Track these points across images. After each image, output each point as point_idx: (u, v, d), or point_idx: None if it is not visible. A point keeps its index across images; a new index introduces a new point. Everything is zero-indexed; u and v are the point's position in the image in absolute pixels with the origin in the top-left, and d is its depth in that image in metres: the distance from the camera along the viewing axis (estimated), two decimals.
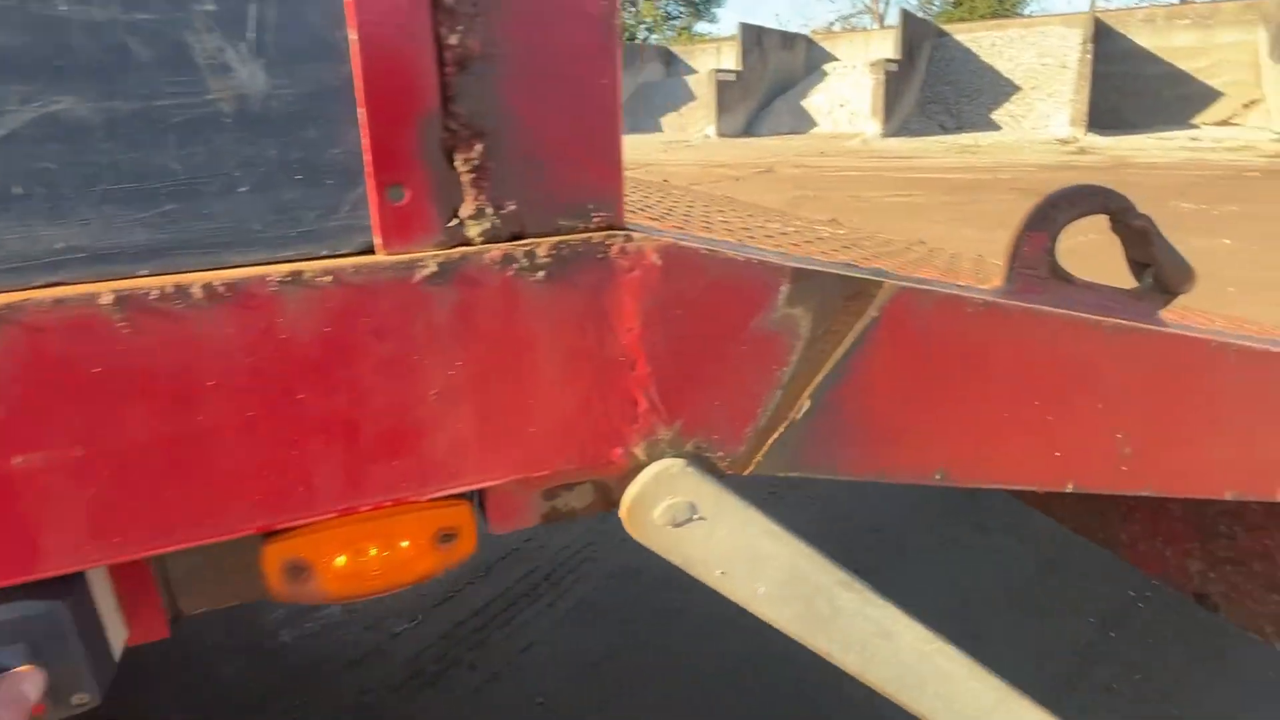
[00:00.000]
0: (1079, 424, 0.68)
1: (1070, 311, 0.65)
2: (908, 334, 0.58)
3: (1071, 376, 0.66)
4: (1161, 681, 2.18)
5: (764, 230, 1.02)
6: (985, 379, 0.63)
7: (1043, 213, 0.69)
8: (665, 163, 17.32)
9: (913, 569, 2.73)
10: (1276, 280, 5.99)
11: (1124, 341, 0.67)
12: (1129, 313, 0.70)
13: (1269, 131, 17.54)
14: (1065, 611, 2.48)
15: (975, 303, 0.60)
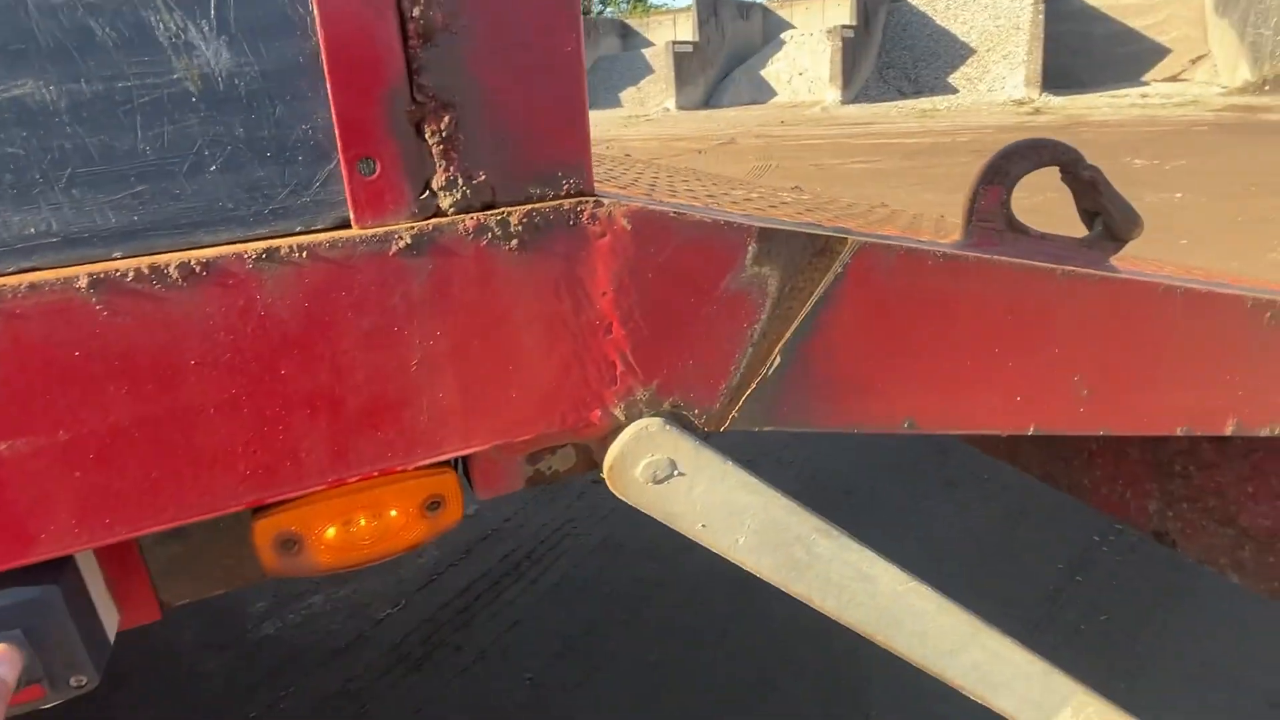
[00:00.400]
0: (1038, 369, 0.71)
1: (1026, 261, 0.67)
2: (873, 288, 0.60)
3: (1029, 323, 0.69)
4: (1127, 621, 2.28)
5: (729, 198, 1.03)
6: (948, 329, 0.66)
7: (997, 167, 0.71)
8: (626, 138, 17.21)
9: (885, 525, 2.79)
10: (1225, 231, 6.16)
11: (1077, 288, 0.70)
12: (1082, 260, 0.73)
13: (1216, 86, 17.88)
14: (1033, 559, 2.57)
15: (936, 255, 0.62)
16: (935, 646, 0.65)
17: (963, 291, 0.65)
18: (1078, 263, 0.72)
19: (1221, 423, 0.86)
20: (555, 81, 0.52)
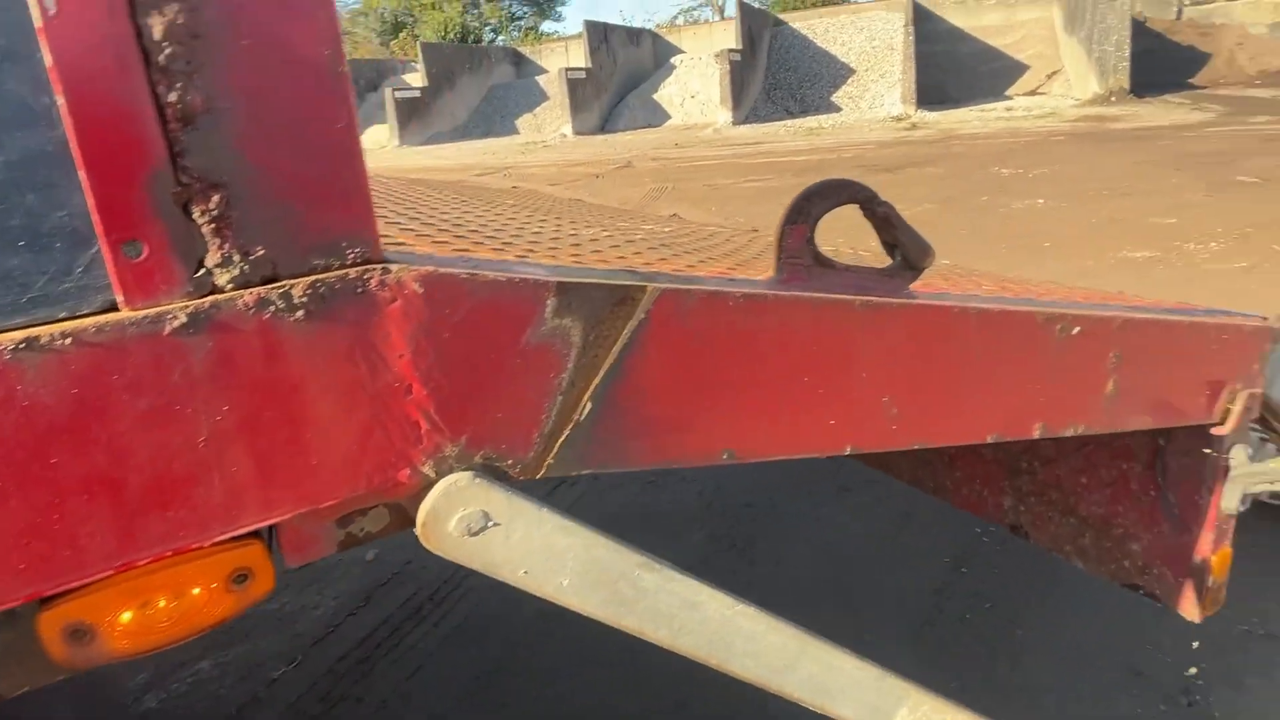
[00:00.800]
0: (848, 393, 0.76)
1: (826, 294, 0.72)
2: (677, 331, 0.63)
3: (835, 352, 0.74)
4: (1007, 608, 2.41)
5: (574, 239, 1.06)
6: (757, 363, 0.70)
7: (799, 207, 0.76)
8: (523, 165, 17.22)
9: (786, 534, 2.87)
10: (1082, 233, 6.67)
11: (877, 316, 0.76)
12: (883, 289, 0.79)
13: (1070, 99, 19.38)
14: (922, 555, 2.69)
15: (737, 296, 0.66)
16: (769, 664, 0.68)
17: (767, 327, 0.69)
18: (879, 292, 0.77)
19: (1029, 428, 0.94)
20: (329, 157, 0.53)
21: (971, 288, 1.12)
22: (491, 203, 1.74)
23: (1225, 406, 1.17)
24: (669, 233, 1.54)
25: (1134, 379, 1.02)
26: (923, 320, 0.79)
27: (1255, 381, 1.20)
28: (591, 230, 1.23)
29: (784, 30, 26.79)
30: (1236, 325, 1.16)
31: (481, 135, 27.50)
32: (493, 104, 30.13)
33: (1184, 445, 1.27)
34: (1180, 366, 1.10)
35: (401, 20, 44.58)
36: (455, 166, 17.83)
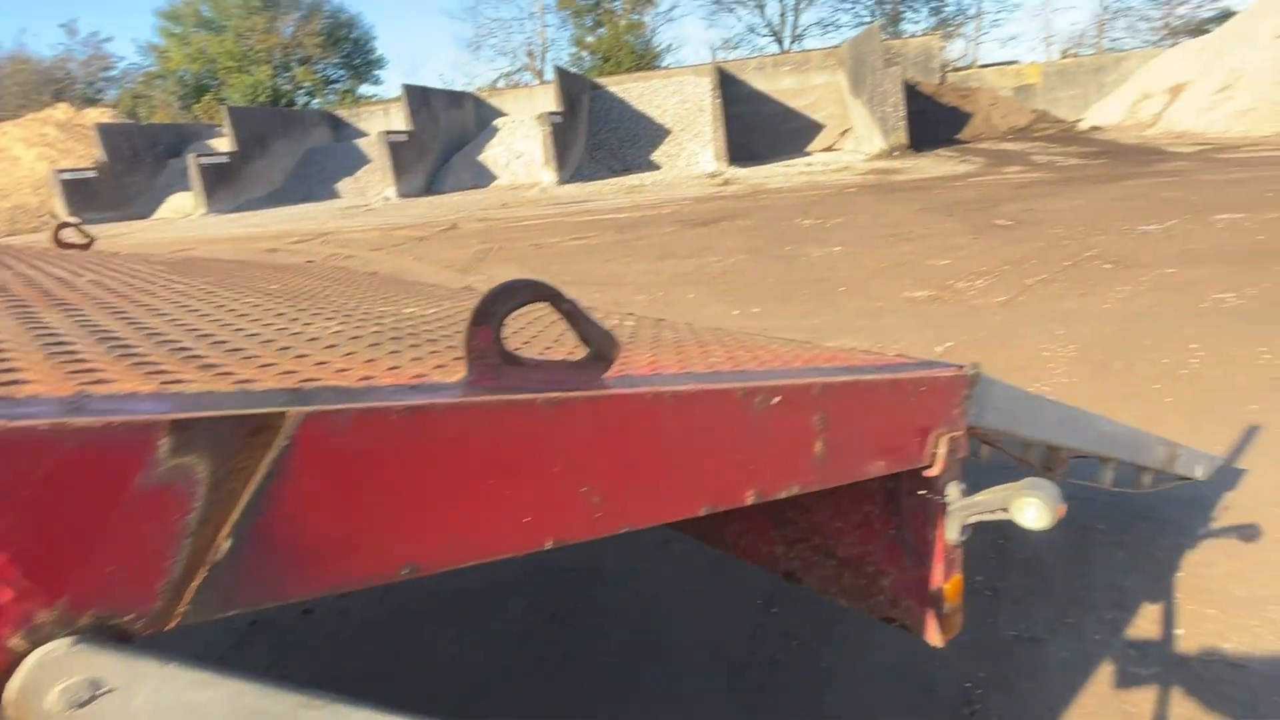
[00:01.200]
0: (542, 489, 0.77)
1: (509, 396, 0.73)
2: (333, 452, 0.62)
3: (522, 451, 0.75)
4: (815, 643, 2.52)
5: (299, 336, 1.02)
6: (436, 471, 0.69)
7: (483, 309, 0.77)
8: (344, 230, 16.62)
9: (608, 593, 2.86)
10: (872, 276, 7.31)
11: (566, 410, 0.78)
12: (574, 382, 0.81)
13: (860, 154, 21.42)
14: (736, 599, 2.77)
15: (399, 410, 0.65)
16: None
17: (442, 435, 0.69)
18: (569, 385, 0.80)
19: (742, 495, 0.99)
20: None
21: (699, 361, 1.18)
22: (244, 290, 1.64)
23: (933, 451, 1.30)
24: (431, 315, 1.52)
25: (841, 437, 1.11)
26: (616, 409, 0.82)
27: (958, 425, 1.34)
28: (335, 322, 1.19)
29: (601, 93, 27.86)
30: (934, 377, 1.29)
31: (299, 200, 26.35)
32: (310, 168, 29.05)
33: (910, 486, 1.39)
34: (885, 420, 1.21)
35: (204, 83, 42.20)
36: (269, 234, 16.90)
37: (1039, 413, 1.72)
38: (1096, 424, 1.97)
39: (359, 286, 2.17)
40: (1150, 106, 21.51)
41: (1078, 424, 1.87)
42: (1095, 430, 1.97)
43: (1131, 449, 2.15)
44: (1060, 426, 1.80)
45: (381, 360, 0.92)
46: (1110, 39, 36.21)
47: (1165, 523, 2.82)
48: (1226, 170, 12.42)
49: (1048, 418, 1.76)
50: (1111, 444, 2.04)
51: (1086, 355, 4.55)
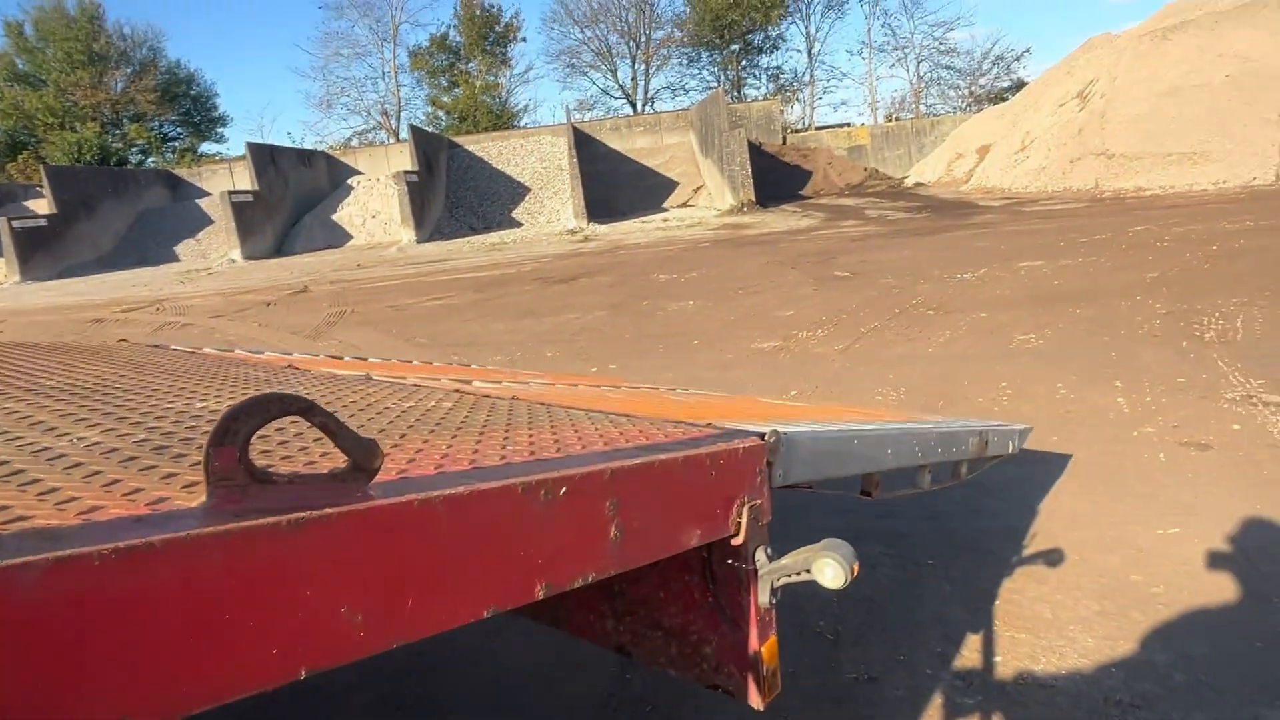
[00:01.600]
0: (292, 617, 0.73)
1: (247, 522, 0.69)
2: (28, 604, 0.56)
3: (268, 577, 0.71)
4: (669, 707, 2.51)
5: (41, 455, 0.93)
6: (159, 613, 0.64)
7: (225, 428, 0.74)
8: (182, 295, 15.53)
9: (459, 675, 2.75)
10: (724, 328, 7.59)
11: (316, 529, 0.74)
12: (332, 497, 0.78)
13: (712, 209, 22.42)
14: (588, 666, 2.73)
15: (107, 553, 0.60)
16: None
17: (163, 575, 0.64)
18: (326, 501, 0.77)
19: (531, 591, 0.98)
20: None
21: (494, 450, 1.18)
22: (7, 389, 1.48)
23: (737, 520, 1.35)
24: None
25: (637, 519, 1.13)
26: (378, 521, 0.80)
27: (759, 493, 1.40)
28: (97, 431, 1.10)
29: (460, 152, 27.82)
30: (733, 449, 1.34)
31: (133, 264, 24.46)
32: (145, 230, 27.10)
33: (721, 554, 1.43)
34: (684, 496, 1.24)
35: (20, 140, 38.67)
36: (95, 303, 15.50)
37: (848, 449, 1.80)
38: (908, 439, 2.07)
39: (161, 373, 2.02)
40: (963, 165, 23.89)
41: (888, 446, 1.96)
42: (907, 445, 2.06)
43: (944, 448, 2.26)
44: (871, 454, 1.88)
45: (127, 480, 0.85)
46: (926, 104, 40.13)
47: (985, 554, 3.04)
48: (1028, 222, 13.93)
49: (858, 450, 1.84)
50: (925, 451, 2.14)
51: (914, 397, 4.90)
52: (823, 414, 2.91)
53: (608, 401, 1.87)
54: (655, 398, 2.09)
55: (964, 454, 2.41)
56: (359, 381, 1.98)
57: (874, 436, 1.90)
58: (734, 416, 2.01)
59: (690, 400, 2.13)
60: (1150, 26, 21.10)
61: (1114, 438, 3.94)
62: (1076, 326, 6.14)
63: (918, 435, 2.09)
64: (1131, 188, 17.33)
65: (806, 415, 2.89)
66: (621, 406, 1.80)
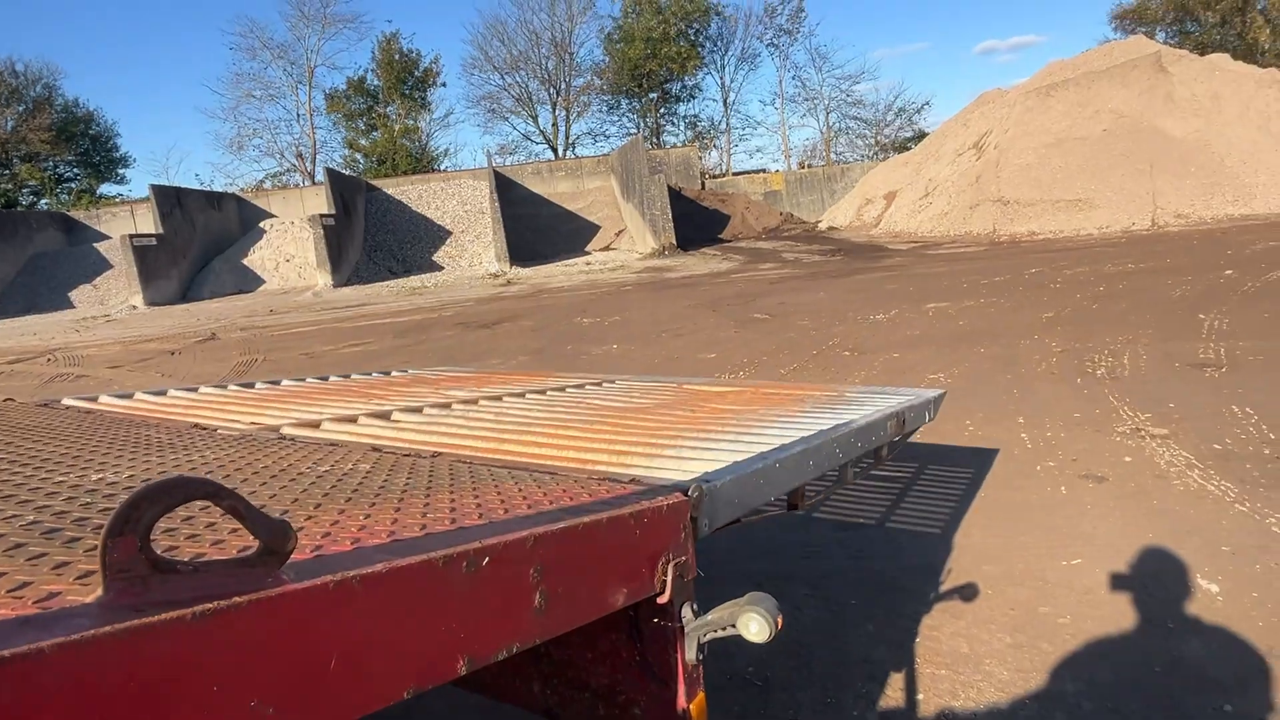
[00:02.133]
0: (196, 714, 0.69)
1: (145, 620, 0.66)
2: None
3: (170, 674, 0.67)
4: None
5: None
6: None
7: (125, 516, 0.70)
8: (77, 345, 14.63)
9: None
10: (648, 371, 7.65)
11: (223, 621, 0.71)
12: (241, 584, 0.75)
13: (635, 253, 22.71)
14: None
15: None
16: None
17: (50, 682, 0.60)
18: (234, 589, 0.74)
19: (453, 668, 0.96)
20: None
21: (414, 518, 1.15)
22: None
23: (662, 578, 1.35)
24: (125, 480, 1.36)
25: (562, 584, 1.12)
26: (290, 607, 0.77)
27: (684, 549, 1.41)
28: None
29: (378, 195, 27.42)
30: (656, 507, 1.35)
31: (22, 311, 22.99)
32: (37, 275, 25.56)
33: (648, 612, 1.42)
34: (609, 557, 1.24)
35: None
36: None
37: (772, 475, 1.76)
38: (829, 446, 2.02)
39: (52, 437, 1.90)
40: (872, 210, 25.01)
41: (810, 458, 1.92)
42: (828, 452, 2.02)
43: (864, 441, 2.22)
44: (795, 470, 1.84)
45: (13, 573, 0.80)
46: (836, 152, 41.96)
47: (905, 591, 3.11)
48: (933, 265, 14.64)
49: (781, 473, 1.79)
50: (846, 450, 2.11)
51: None
52: (747, 398, 2.90)
53: (539, 437, 1.83)
54: (587, 407, 2.04)
55: (884, 439, 2.39)
56: (272, 442, 1.90)
57: (797, 454, 1.87)
58: (661, 429, 1.99)
59: (622, 406, 2.08)
60: (1036, 84, 22.78)
61: (1019, 472, 4.13)
62: (981, 365, 6.45)
63: (838, 439, 2.07)
64: (1026, 232, 18.47)
65: (730, 400, 2.86)
66: (553, 445, 1.76)
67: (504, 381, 3.52)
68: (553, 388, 3.25)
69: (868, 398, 2.84)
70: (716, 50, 40.40)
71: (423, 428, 2.24)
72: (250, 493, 1.29)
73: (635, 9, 37.74)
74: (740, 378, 6.94)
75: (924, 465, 4.39)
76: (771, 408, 2.62)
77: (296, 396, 2.93)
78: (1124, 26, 40.71)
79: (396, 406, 2.54)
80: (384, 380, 3.70)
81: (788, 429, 2.19)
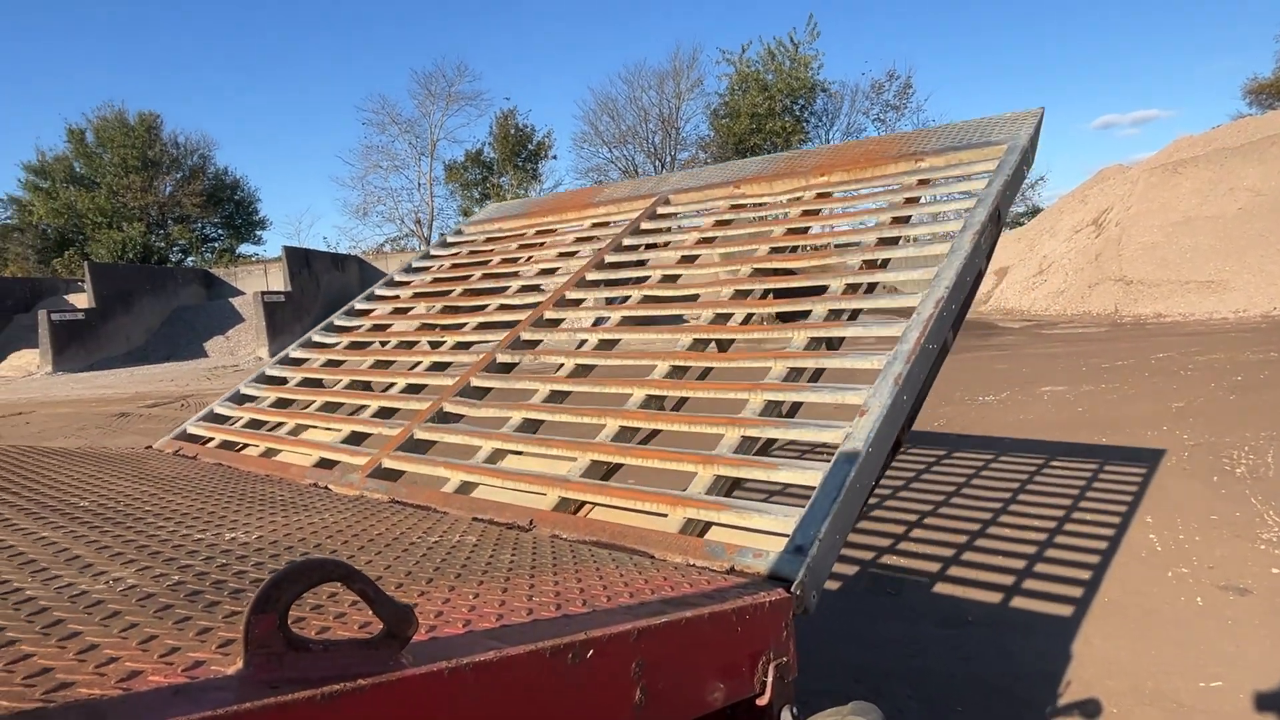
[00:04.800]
0: None
1: (281, 698, 0.70)
2: None
3: None
4: None
5: None
6: None
7: (268, 595, 0.75)
8: (209, 392, 15.78)
9: None
10: None
11: (349, 702, 0.74)
12: (365, 666, 0.79)
13: None
14: None
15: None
16: None
17: None
18: (359, 670, 0.77)
19: None
20: None
21: (520, 601, 1.17)
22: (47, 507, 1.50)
23: (762, 679, 1.31)
24: (255, 543, 1.44)
25: (662, 681, 1.10)
26: (411, 691, 0.80)
27: (786, 648, 1.37)
28: (134, 570, 1.11)
29: None
30: (759, 603, 1.32)
31: (162, 359, 25.06)
32: (178, 326, 27.90)
33: (746, 713, 1.38)
34: (710, 655, 1.22)
35: (68, 237, 40.53)
36: (122, 396, 15.78)
37: (841, 531, 1.61)
38: (871, 462, 1.78)
39: (188, 491, 2.04)
40: (982, 285, 24.24)
41: (859, 483, 1.70)
42: (870, 467, 1.77)
43: (880, 446, 1.87)
44: (849, 511, 1.67)
45: (163, 637, 0.86)
46: None
47: (1019, 701, 2.90)
48: (1048, 345, 13.97)
49: (842, 524, 1.64)
50: (879, 450, 1.82)
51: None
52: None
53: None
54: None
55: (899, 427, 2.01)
56: (383, 508, 1.99)
57: (843, 502, 1.64)
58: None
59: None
60: (1160, 160, 21.81)
61: (1147, 577, 3.81)
62: None
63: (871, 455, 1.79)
64: (1151, 313, 17.44)
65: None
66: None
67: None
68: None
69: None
70: (821, 125, 40.79)
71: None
72: (366, 562, 1.35)
73: (742, 86, 38.70)
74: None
75: (1037, 556, 4.12)
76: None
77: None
78: (1260, 101, 38.66)
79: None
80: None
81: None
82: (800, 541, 1.56)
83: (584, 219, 4.02)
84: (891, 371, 1.94)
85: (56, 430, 11.20)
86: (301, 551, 1.37)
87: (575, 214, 4.11)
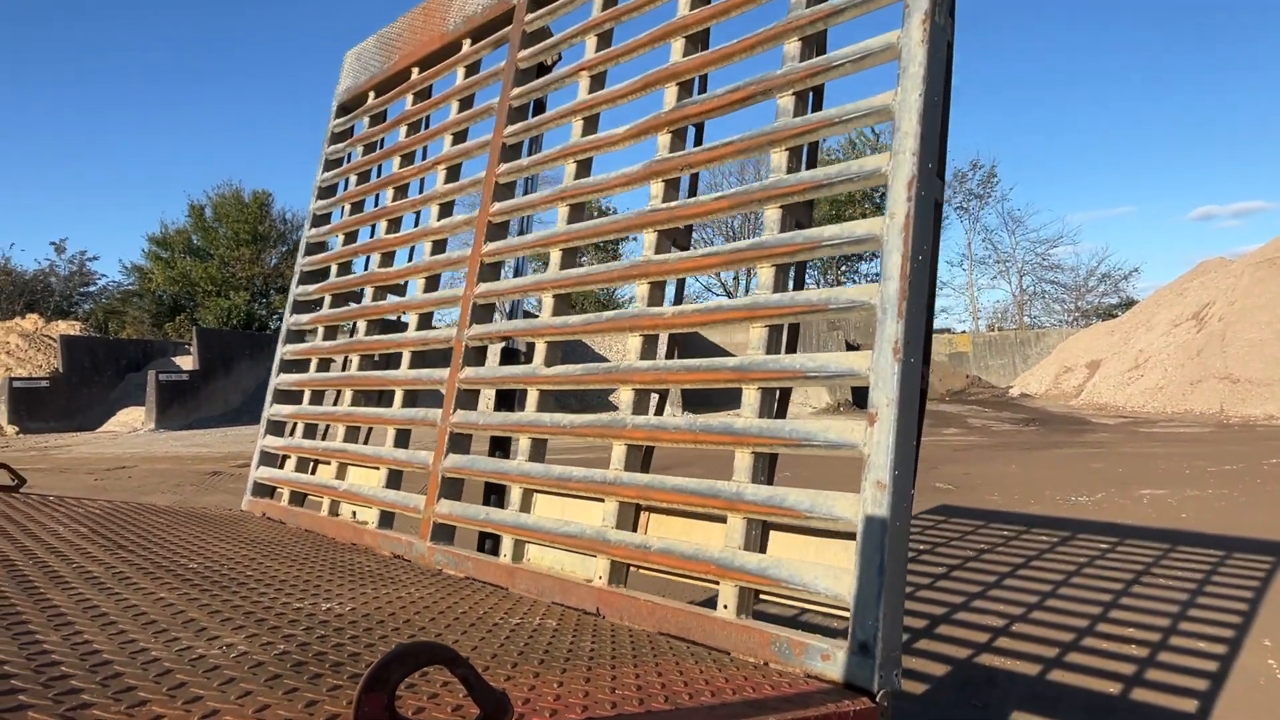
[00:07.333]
0: None
1: None
2: None
3: None
4: None
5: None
6: None
7: (377, 675, 0.79)
8: None
9: None
10: None
11: None
12: None
13: (809, 406, 22.33)
14: None
15: None
16: None
17: None
18: None
19: None
20: None
21: (605, 692, 1.18)
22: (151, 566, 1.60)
23: None
24: (350, 614, 1.50)
25: None
26: None
27: None
28: (243, 635, 1.17)
29: None
30: (843, 712, 1.29)
31: (255, 420, 26.19)
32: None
33: None
34: None
35: (181, 304, 43.67)
36: (215, 455, 16.57)
37: (897, 598, 1.49)
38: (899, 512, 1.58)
39: (282, 558, 2.14)
40: (1072, 379, 23.29)
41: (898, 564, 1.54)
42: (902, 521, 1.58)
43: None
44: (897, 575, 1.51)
45: (278, 706, 0.91)
46: (1030, 316, 40.06)
47: None
48: (1147, 444, 13.22)
49: (894, 595, 1.50)
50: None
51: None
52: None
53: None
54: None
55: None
56: (463, 584, 2.03)
57: (889, 571, 1.50)
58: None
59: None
60: (1267, 254, 20.83)
61: (1267, 709, 3.48)
62: None
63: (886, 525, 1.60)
64: (1262, 415, 16.36)
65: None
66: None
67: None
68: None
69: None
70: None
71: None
72: (453, 641, 1.38)
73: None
74: (920, 560, 6.49)
75: (1134, 679, 3.82)
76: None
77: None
78: None
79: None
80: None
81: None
82: (862, 637, 1.44)
83: (453, 67, 3.02)
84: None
85: (154, 485, 11.80)
86: (392, 626, 1.42)
87: (444, 63, 3.10)
